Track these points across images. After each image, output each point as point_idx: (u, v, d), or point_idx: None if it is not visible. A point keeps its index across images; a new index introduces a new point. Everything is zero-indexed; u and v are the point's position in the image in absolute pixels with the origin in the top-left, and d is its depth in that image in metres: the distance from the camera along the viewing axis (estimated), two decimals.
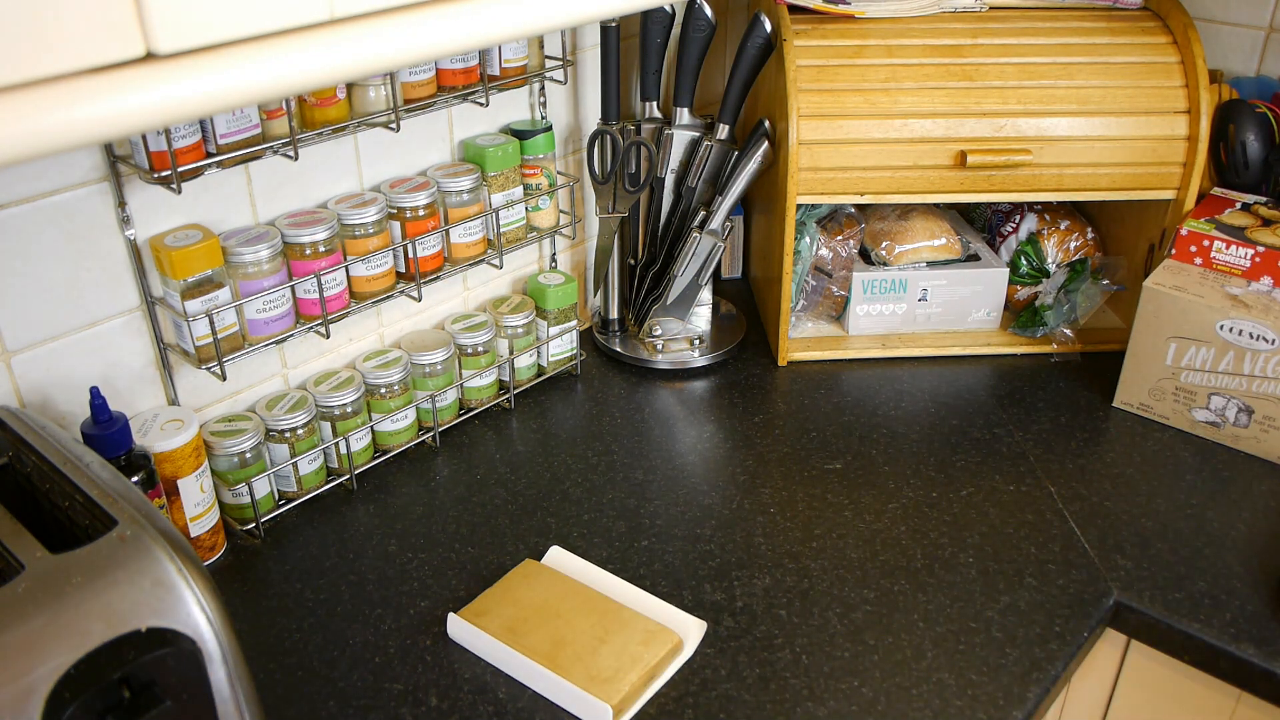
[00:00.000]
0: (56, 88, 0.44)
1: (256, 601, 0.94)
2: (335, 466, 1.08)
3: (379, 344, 1.14)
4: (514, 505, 1.06)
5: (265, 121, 0.92)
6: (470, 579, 0.96)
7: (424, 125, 1.10)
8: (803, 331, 1.34)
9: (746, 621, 0.91)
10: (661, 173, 1.26)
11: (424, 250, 1.08)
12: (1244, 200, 1.20)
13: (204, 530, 0.95)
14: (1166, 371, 1.14)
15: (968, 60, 1.19)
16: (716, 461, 1.12)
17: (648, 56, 1.21)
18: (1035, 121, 1.18)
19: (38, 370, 0.87)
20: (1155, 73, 1.19)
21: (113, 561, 0.57)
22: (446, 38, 0.59)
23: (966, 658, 0.87)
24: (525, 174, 1.17)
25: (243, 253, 0.93)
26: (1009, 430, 1.16)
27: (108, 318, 0.91)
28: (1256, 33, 1.30)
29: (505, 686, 0.85)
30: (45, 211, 0.83)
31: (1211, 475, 1.09)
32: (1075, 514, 1.03)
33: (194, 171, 0.87)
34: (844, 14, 1.21)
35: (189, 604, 0.58)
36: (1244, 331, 1.07)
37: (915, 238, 1.30)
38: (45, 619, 0.54)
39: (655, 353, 1.29)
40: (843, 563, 0.98)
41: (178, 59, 0.47)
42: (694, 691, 0.84)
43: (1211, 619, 0.90)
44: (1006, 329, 1.34)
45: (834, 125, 1.17)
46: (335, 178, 1.04)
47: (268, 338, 0.98)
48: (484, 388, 1.19)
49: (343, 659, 0.88)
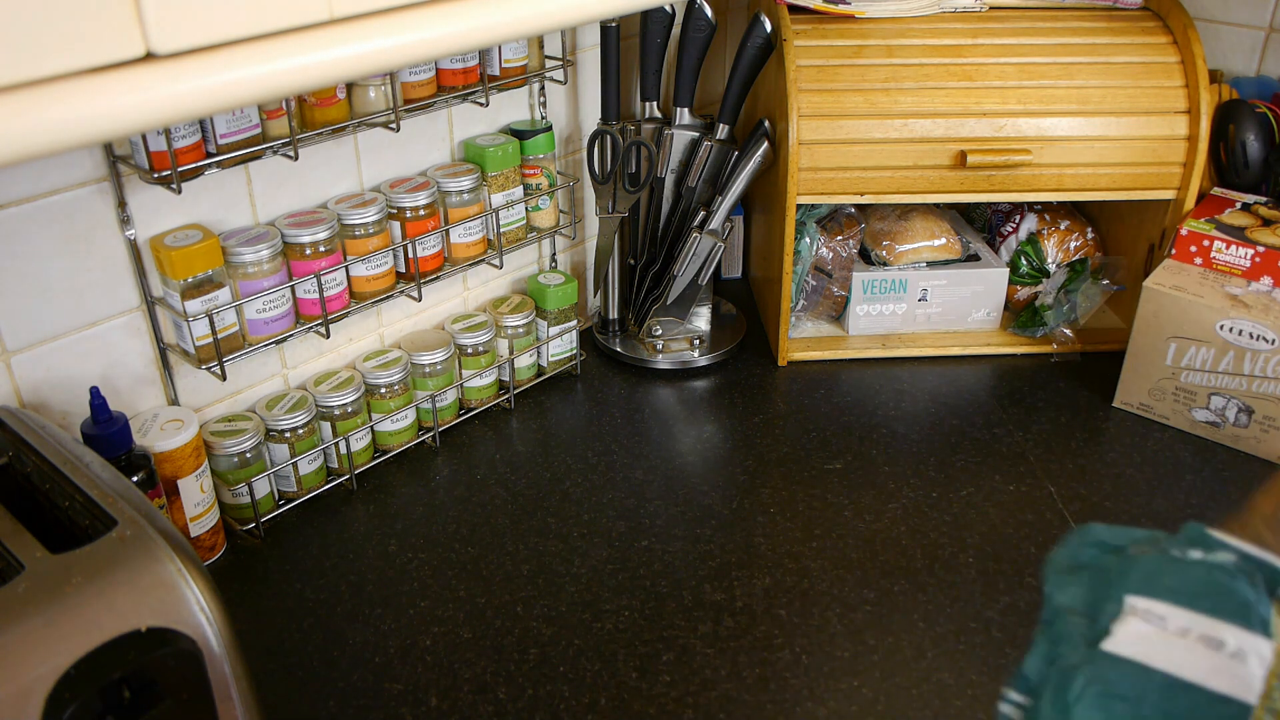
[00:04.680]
0: (56, 87, 0.44)
1: (256, 601, 0.94)
2: (335, 466, 1.08)
3: (379, 344, 1.14)
4: (514, 505, 1.06)
5: (265, 121, 0.92)
6: (470, 579, 0.96)
7: (424, 125, 1.10)
8: (803, 331, 1.34)
9: (746, 621, 0.91)
10: (661, 173, 1.26)
11: (424, 250, 1.08)
12: (1244, 200, 1.20)
13: (204, 530, 0.95)
14: (1166, 371, 1.14)
15: (968, 60, 1.19)
16: (716, 461, 1.12)
17: (648, 56, 1.21)
18: (1035, 121, 1.17)
19: (38, 370, 0.87)
20: (1155, 73, 1.19)
21: (113, 561, 0.57)
22: (446, 38, 0.59)
23: (966, 658, 0.87)
24: (525, 174, 1.17)
25: (243, 253, 0.93)
26: (1009, 430, 1.16)
27: (108, 318, 0.91)
28: (1256, 33, 1.30)
29: (505, 686, 0.85)
30: (45, 211, 0.83)
31: (1211, 475, 1.09)
32: (1075, 514, 1.03)
33: (194, 171, 0.87)
34: (844, 14, 1.21)
35: (189, 604, 0.58)
36: (1244, 331, 1.07)
37: (915, 238, 1.30)
38: (45, 619, 0.54)
39: (655, 353, 1.29)
40: (843, 563, 0.98)
41: (177, 59, 0.47)
42: (694, 691, 0.84)
43: None
44: (1006, 329, 1.34)
45: (834, 125, 1.17)
46: (335, 178, 1.04)
47: (268, 338, 0.98)
48: (484, 388, 1.19)
49: (343, 659, 0.88)
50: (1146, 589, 0.48)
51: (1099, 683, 0.46)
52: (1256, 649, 0.45)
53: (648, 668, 0.87)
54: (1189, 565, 0.48)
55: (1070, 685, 0.46)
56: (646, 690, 0.85)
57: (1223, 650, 0.45)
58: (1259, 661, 0.45)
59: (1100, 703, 0.45)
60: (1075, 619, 0.49)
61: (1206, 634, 0.46)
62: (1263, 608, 0.47)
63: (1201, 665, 0.45)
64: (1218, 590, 0.47)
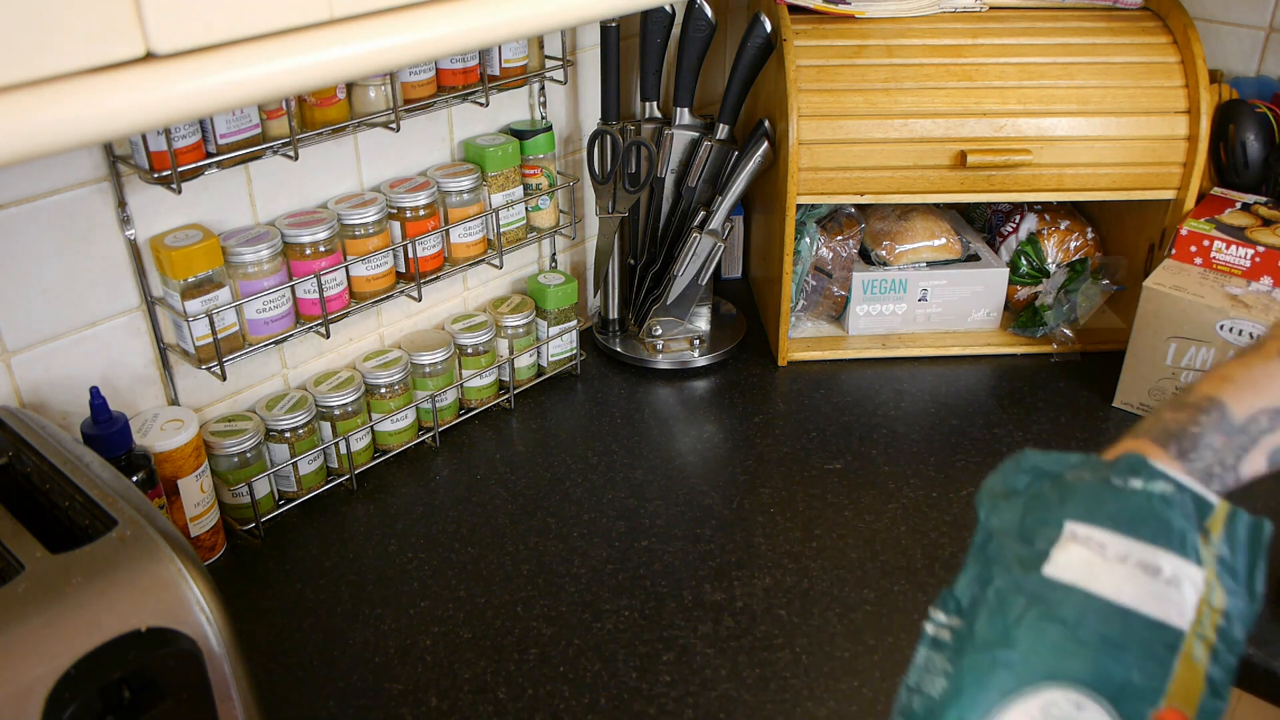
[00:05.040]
0: (57, 87, 0.44)
1: (256, 601, 0.94)
2: (335, 466, 1.08)
3: (379, 344, 1.14)
4: (514, 505, 1.06)
5: (265, 121, 0.92)
6: (470, 579, 0.96)
7: (424, 125, 1.10)
8: (803, 331, 1.34)
9: (746, 621, 0.91)
10: (661, 173, 1.26)
11: (424, 250, 1.08)
12: (1244, 200, 1.20)
13: (204, 530, 0.95)
14: (1166, 371, 1.14)
15: (968, 60, 1.19)
16: (716, 461, 1.12)
17: (648, 56, 1.21)
18: (1035, 121, 1.17)
19: (38, 370, 0.87)
20: (1155, 73, 1.19)
21: (113, 561, 0.57)
22: (446, 38, 0.59)
23: None
24: (525, 174, 1.17)
25: (243, 253, 0.93)
26: (1009, 430, 1.16)
27: (108, 318, 0.91)
28: (1256, 33, 1.30)
29: (505, 686, 0.85)
30: (45, 211, 0.83)
31: None
32: None
33: (194, 171, 0.87)
34: (844, 14, 1.21)
35: (189, 604, 0.58)
36: (1244, 331, 1.06)
37: (915, 238, 1.30)
38: (45, 619, 0.54)
39: (655, 353, 1.29)
40: (843, 563, 0.98)
41: (177, 59, 0.47)
42: (694, 691, 0.84)
43: None
44: (1006, 329, 1.34)
45: (834, 125, 1.17)
46: (335, 178, 1.04)
47: (268, 338, 0.98)
48: (484, 388, 1.19)
49: (343, 659, 0.88)
50: (1086, 516, 0.48)
51: (1039, 605, 0.46)
52: (1190, 576, 0.46)
53: (648, 668, 0.87)
54: (1128, 494, 0.49)
55: (1009, 607, 0.47)
56: (646, 690, 0.85)
57: (1159, 577, 0.46)
58: (1192, 588, 0.46)
59: (1040, 625, 0.46)
60: (1009, 542, 0.49)
61: (1144, 560, 0.46)
62: (1193, 537, 0.47)
63: (1139, 591, 0.46)
64: (1155, 518, 0.47)
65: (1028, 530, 0.49)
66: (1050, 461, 0.52)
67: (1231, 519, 0.49)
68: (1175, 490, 0.49)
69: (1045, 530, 0.48)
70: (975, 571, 0.50)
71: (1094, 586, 0.46)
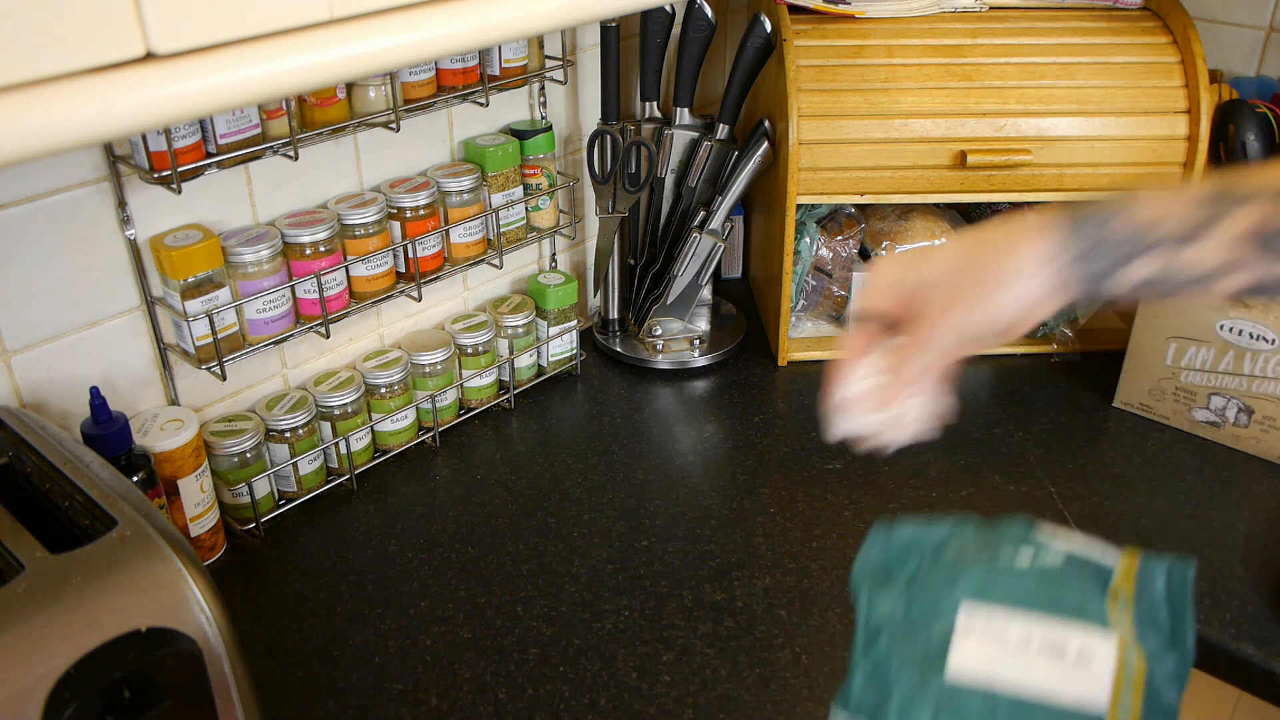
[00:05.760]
0: (56, 87, 0.44)
1: (256, 601, 0.94)
2: (335, 466, 1.08)
3: (379, 344, 1.14)
4: (514, 505, 1.06)
5: (265, 121, 0.92)
6: (470, 579, 0.96)
7: (424, 125, 1.10)
8: (803, 331, 1.34)
9: (746, 621, 0.91)
10: (661, 173, 1.26)
11: (424, 250, 1.08)
12: None
13: (204, 530, 0.95)
14: (1166, 371, 1.14)
15: (968, 60, 1.19)
16: (716, 461, 1.12)
17: (648, 56, 1.21)
18: (1035, 121, 1.17)
19: (38, 370, 0.87)
20: (1155, 73, 1.19)
21: (113, 561, 0.57)
22: (446, 38, 0.59)
23: None
24: (525, 174, 1.17)
25: (243, 253, 0.93)
26: (1009, 430, 1.16)
27: (108, 318, 0.91)
28: (1256, 33, 1.30)
29: (505, 686, 0.85)
30: (45, 211, 0.83)
31: (1211, 475, 1.09)
32: (1075, 514, 1.03)
33: (194, 171, 0.87)
34: (844, 14, 1.21)
35: (189, 604, 0.58)
36: (1244, 331, 1.07)
37: (915, 238, 1.30)
38: (45, 619, 0.54)
39: (655, 353, 1.29)
40: (843, 563, 0.98)
41: (177, 59, 0.47)
42: (694, 691, 0.84)
43: (1211, 619, 0.90)
44: None
45: (834, 125, 1.17)
46: (335, 178, 1.04)
47: (268, 338, 0.98)
48: (484, 388, 1.19)
49: (343, 659, 0.88)
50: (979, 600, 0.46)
51: (946, 709, 0.44)
52: (1098, 649, 0.44)
53: (648, 668, 0.87)
54: (1018, 574, 0.46)
55: (915, 713, 0.45)
56: (646, 690, 0.84)
57: (1066, 657, 0.44)
58: (1103, 661, 0.44)
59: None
60: (900, 638, 0.47)
61: (1047, 640, 0.44)
62: (1096, 603, 0.45)
63: (1047, 676, 0.44)
64: (1050, 593, 0.45)
65: (917, 622, 0.47)
66: (921, 536, 0.49)
67: (1144, 572, 0.46)
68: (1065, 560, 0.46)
69: (938, 623, 0.46)
70: (868, 669, 0.47)
71: (999, 683, 0.44)
